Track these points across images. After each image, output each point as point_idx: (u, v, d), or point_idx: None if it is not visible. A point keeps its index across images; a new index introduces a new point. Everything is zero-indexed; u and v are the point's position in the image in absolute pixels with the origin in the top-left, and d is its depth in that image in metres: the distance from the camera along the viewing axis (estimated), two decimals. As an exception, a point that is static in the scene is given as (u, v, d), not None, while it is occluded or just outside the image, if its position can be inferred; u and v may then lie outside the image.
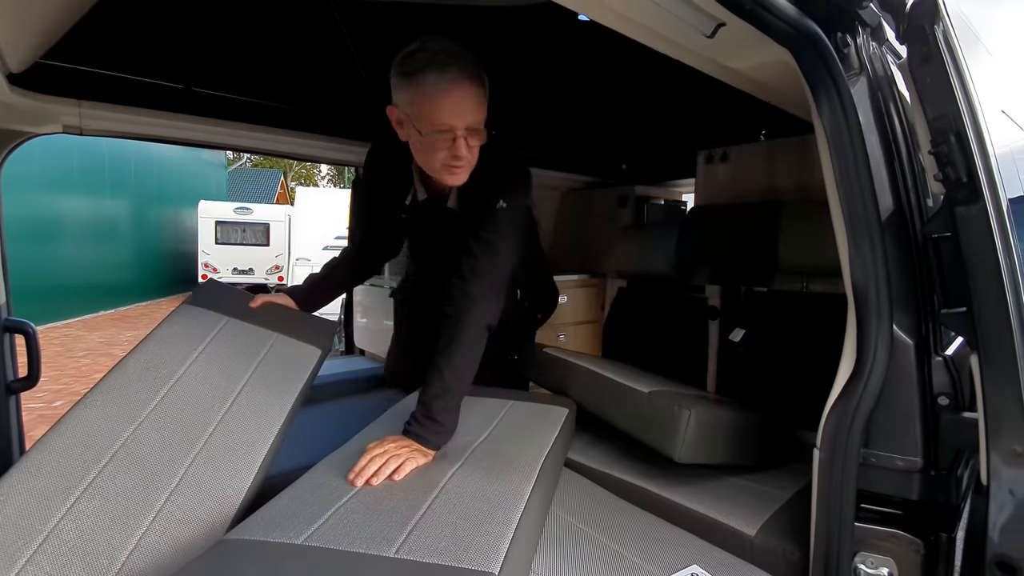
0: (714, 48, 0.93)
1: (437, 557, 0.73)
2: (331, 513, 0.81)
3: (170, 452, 0.96)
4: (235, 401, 1.08)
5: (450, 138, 1.08)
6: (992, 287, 0.74)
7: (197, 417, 1.02)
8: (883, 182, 0.90)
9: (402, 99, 1.10)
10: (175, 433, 0.99)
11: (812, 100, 0.92)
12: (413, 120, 1.10)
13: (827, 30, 0.89)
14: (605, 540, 0.99)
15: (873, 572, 0.90)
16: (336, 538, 0.75)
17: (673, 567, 0.92)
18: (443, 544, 0.75)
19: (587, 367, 1.43)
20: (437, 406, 1.05)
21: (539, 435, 1.14)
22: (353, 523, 0.79)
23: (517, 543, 0.79)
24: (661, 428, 1.19)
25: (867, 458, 0.91)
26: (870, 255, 0.88)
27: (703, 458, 1.18)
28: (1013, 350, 0.72)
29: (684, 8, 0.78)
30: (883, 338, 0.87)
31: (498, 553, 0.74)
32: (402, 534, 0.77)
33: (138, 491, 0.89)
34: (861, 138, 0.90)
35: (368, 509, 0.83)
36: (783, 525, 1.06)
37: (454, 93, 1.05)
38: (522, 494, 0.90)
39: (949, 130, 0.75)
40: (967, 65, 0.78)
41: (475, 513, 0.84)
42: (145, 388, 1.04)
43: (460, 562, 0.72)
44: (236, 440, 1.01)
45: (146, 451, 0.95)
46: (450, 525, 0.80)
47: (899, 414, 0.89)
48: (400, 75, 1.08)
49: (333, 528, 0.78)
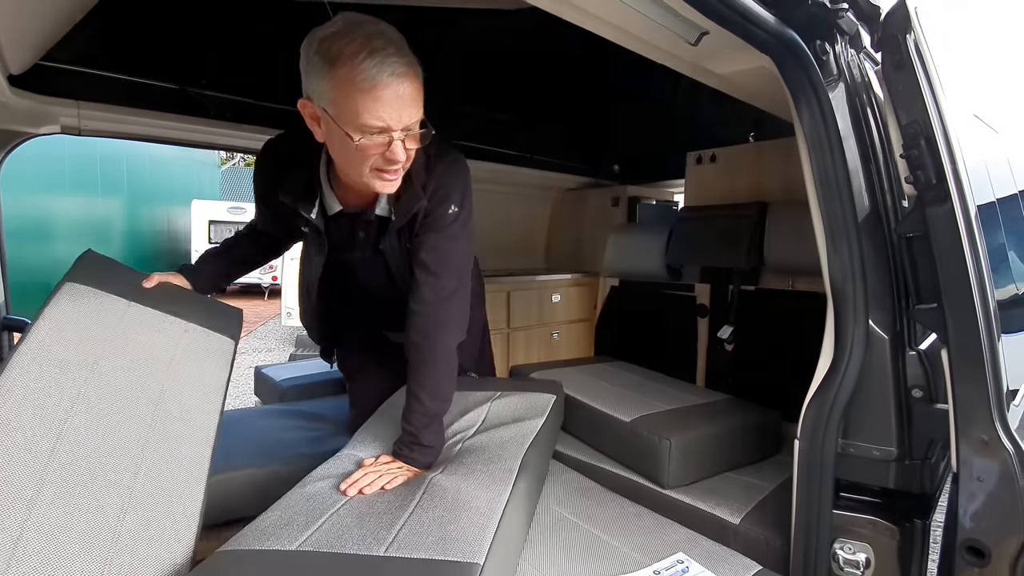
0: (698, 55, 0.96)
1: (424, 552, 0.75)
2: (324, 519, 0.84)
3: (110, 468, 0.83)
4: (162, 404, 0.96)
5: (385, 140, 0.89)
6: (960, 284, 0.77)
7: (129, 425, 0.89)
8: (860, 184, 0.94)
9: (321, 90, 0.88)
10: (108, 443, 0.85)
11: (792, 105, 0.96)
12: (336, 118, 0.89)
13: (806, 38, 0.93)
14: (594, 530, 1.03)
15: (851, 558, 0.94)
16: (329, 542, 0.77)
17: (660, 554, 0.95)
18: (430, 539, 0.78)
19: (572, 396, 1.45)
20: (424, 435, 1.04)
21: (524, 424, 1.16)
22: (345, 527, 0.81)
23: (503, 532, 0.82)
24: (645, 457, 1.23)
25: (845, 448, 0.95)
26: (847, 254, 0.92)
27: (691, 478, 1.22)
28: (979, 344, 0.76)
29: (669, 18, 0.81)
30: (859, 333, 0.91)
31: (483, 543, 0.77)
32: (391, 533, 0.79)
33: (86, 521, 0.76)
34: (839, 142, 0.94)
35: (360, 513, 0.86)
36: (766, 514, 1.10)
37: (394, 87, 0.85)
38: (506, 483, 0.93)
39: (920, 134, 0.79)
40: (938, 72, 0.81)
41: (461, 506, 0.86)
42: (56, 391, 0.85)
43: (446, 555, 0.74)
44: (179, 451, 0.92)
45: (79, 474, 0.80)
46: (437, 520, 0.83)
47: (875, 406, 0.93)
48: (321, 61, 0.86)
49: (327, 533, 0.80)
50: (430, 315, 1.06)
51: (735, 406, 1.42)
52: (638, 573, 0.89)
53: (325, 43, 0.86)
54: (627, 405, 1.37)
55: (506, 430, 1.13)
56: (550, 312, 2.68)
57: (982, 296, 0.76)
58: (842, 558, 0.94)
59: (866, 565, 0.93)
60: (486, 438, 1.11)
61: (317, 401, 1.91)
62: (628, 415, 1.31)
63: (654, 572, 0.90)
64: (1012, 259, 1.09)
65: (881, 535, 0.92)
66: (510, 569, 0.86)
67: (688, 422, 1.28)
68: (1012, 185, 1.21)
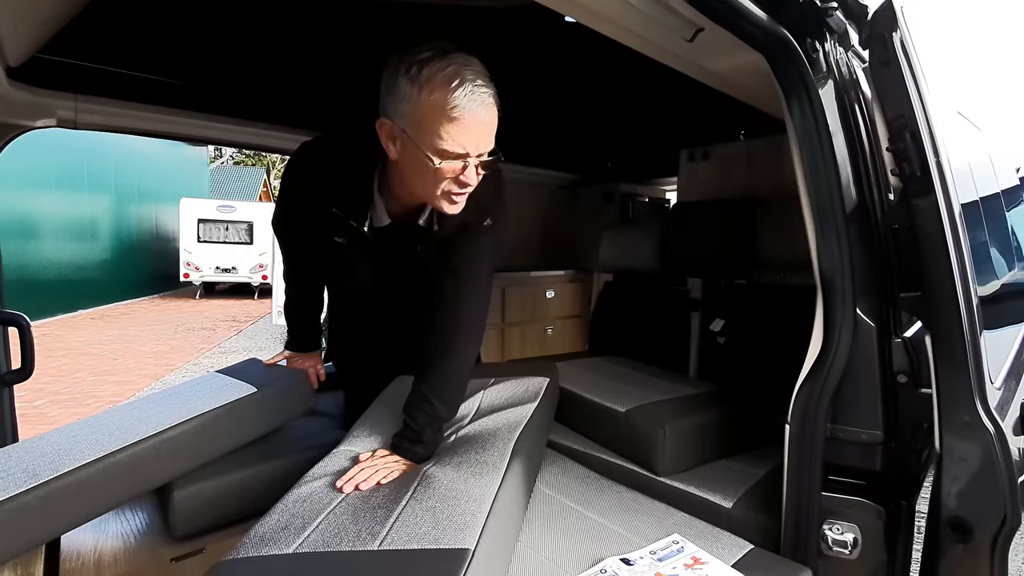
0: (693, 51, 0.99)
1: (417, 542, 0.77)
2: (321, 519, 0.84)
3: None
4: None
5: (461, 165, 0.93)
6: (942, 271, 0.81)
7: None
8: (848, 177, 0.98)
9: (404, 112, 0.92)
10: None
11: (784, 101, 0.99)
12: (418, 140, 0.92)
13: (797, 36, 0.96)
14: (591, 514, 1.05)
15: (839, 538, 0.97)
16: (325, 541, 0.79)
17: (656, 536, 0.98)
18: (423, 529, 0.79)
19: (567, 388, 1.48)
20: (427, 433, 1.05)
21: (516, 411, 1.18)
22: (341, 525, 0.82)
23: (494, 517, 0.83)
24: (640, 445, 1.26)
25: (834, 432, 0.98)
26: (836, 244, 0.95)
27: (684, 466, 1.25)
28: (960, 330, 0.80)
29: (665, 14, 0.84)
30: (847, 321, 0.94)
31: (474, 529, 0.78)
32: (385, 527, 0.81)
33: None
34: (828, 137, 0.97)
35: (355, 509, 0.87)
36: (758, 498, 1.13)
37: (481, 117, 0.90)
38: (499, 469, 0.95)
39: (905, 129, 0.83)
40: (923, 69, 0.85)
41: (453, 494, 0.88)
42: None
43: (438, 543, 0.76)
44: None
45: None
46: (429, 510, 0.84)
47: (862, 391, 0.96)
48: (409, 84, 0.90)
49: (323, 533, 0.81)
50: (452, 317, 1.09)
51: (726, 396, 1.45)
52: (635, 553, 0.92)
53: (416, 67, 0.89)
54: (622, 396, 1.40)
55: (499, 416, 1.15)
56: (544, 308, 2.70)
57: (963, 283, 0.80)
58: (831, 538, 0.98)
59: (854, 544, 0.97)
60: (479, 426, 1.13)
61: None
62: (623, 405, 1.34)
63: (651, 552, 0.92)
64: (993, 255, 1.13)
65: (868, 516, 0.96)
66: (505, 553, 0.87)
67: (681, 411, 1.31)
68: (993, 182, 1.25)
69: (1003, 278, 1.15)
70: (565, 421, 1.49)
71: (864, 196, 0.98)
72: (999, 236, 1.19)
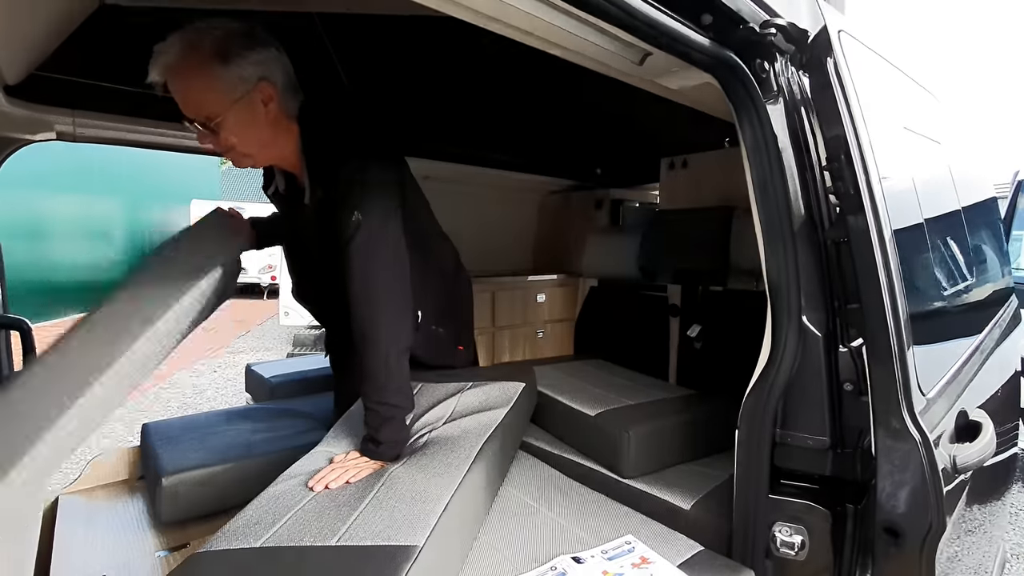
0: (646, 72, 1.03)
1: (371, 539, 0.82)
2: (289, 516, 0.90)
3: None
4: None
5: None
6: (872, 287, 0.85)
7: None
8: (796, 192, 1.01)
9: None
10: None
11: (735, 118, 1.03)
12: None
13: (745, 58, 0.99)
14: (552, 515, 1.10)
15: (788, 540, 1.01)
16: (291, 536, 0.84)
17: (611, 536, 1.03)
18: (379, 527, 0.85)
19: (544, 392, 1.53)
20: (382, 432, 1.08)
21: (488, 414, 1.23)
22: (306, 522, 0.88)
23: (448, 516, 0.88)
24: (607, 448, 1.31)
25: (782, 438, 1.02)
26: (782, 256, 0.99)
27: (649, 468, 1.30)
28: (889, 340, 0.83)
29: (610, 42, 0.89)
30: (792, 329, 0.98)
31: (425, 527, 0.83)
32: (346, 524, 0.86)
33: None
34: (778, 154, 1.00)
35: (321, 508, 0.92)
36: (716, 501, 1.17)
37: (156, 80, 1.07)
38: (460, 471, 1.00)
39: (840, 149, 0.87)
40: (857, 93, 0.89)
41: (412, 495, 0.93)
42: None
43: (389, 540, 0.81)
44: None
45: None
46: (388, 509, 0.89)
47: (809, 398, 1.00)
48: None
49: (289, 529, 0.87)
50: (361, 331, 1.09)
51: (698, 401, 1.49)
52: (587, 552, 0.96)
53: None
54: (594, 400, 1.44)
55: (471, 420, 1.20)
56: (535, 312, 2.75)
57: (891, 298, 0.84)
58: (779, 539, 1.01)
59: (801, 547, 1.00)
60: (451, 428, 1.18)
61: (304, 399, 1.98)
62: (593, 409, 1.38)
63: (602, 552, 0.97)
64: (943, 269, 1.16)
65: (815, 518, 0.99)
66: (456, 551, 0.92)
67: (648, 415, 1.35)
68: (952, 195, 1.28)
69: (953, 290, 1.18)
70: (540, 422, 1.54)
71: (811, 210, 1.02)
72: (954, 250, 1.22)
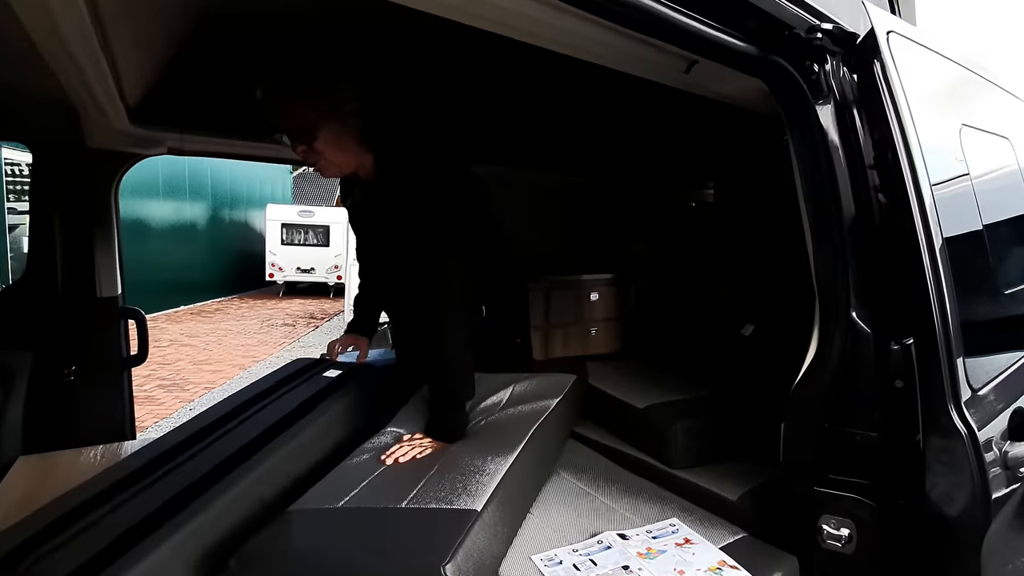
0: (692, 79, 1.08)
1: (436, 503, 0.94)
2: (366, 483, 1.04)
3: None
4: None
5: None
6: (922, 284, 0.86)
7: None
8: (846, 191, 1.02)
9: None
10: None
11: (785, 120, 1.06)
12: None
13: (795, 61, 1.02)
14: (601, 497, 1.17)
15: (835, 532, 1.03)
16: (365, 499, 0.98)
17: (656, 519, 1.08)
18: (443, 493, 0.97)
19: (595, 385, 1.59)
20: (446, 418, 1.22)
21: (539, 403, 1.31)
22: (380, 488, 1.02)
23: (503, 488, 0.98)
24: (654, 440, 1.36)
25: (832, 431, 1.04)
26: (831, 254, 1.01)
27: (696, 461, 1.34)
28: (935, 336, 0.85)
29: (656, 54, 0.94)
30: (840, 326, 1.00)
31: (484, 495, 0.94)
32: (413, 490, 0.99)
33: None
34: (827, 154, 1.02)
35: (392, 477, 1.06)
36: (763, 494, 1.20)
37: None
38: (514, 450, 1.10)
39: (886, 149, 0.89)
40: (906, 93, 0.90)
41: (471, 469, 1.04)
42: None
43: (452, 504, 0.92)
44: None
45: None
46: (450, 480, 1.01)
47: (859, 394, 1.01)
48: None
49: (366, 493, 1.00)
50: (431, 309, 1.25)
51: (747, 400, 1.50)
52: (633, 530, 1.03)
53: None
54: (643, 394, 1.49)
55: (525, 407, 1.29)
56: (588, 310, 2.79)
57: (938, 296, 0.85)
58: (826, 531, 1.03)
59: (848, 540, 1.02)
60: (506, 415, 1.27)
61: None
62: (642, 402, 1.43)
63: (647, 531, 1.03)
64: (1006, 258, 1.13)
65: (863, 512, 1.01)
66: (511, 519, 1.01)
67: (696, 410, 1.39)
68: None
69: (1016, 289, 1.14)
70: (591, 415, 1.60)
71: (862, 208, 1.03)
72: (1020, 249, 1.18)
